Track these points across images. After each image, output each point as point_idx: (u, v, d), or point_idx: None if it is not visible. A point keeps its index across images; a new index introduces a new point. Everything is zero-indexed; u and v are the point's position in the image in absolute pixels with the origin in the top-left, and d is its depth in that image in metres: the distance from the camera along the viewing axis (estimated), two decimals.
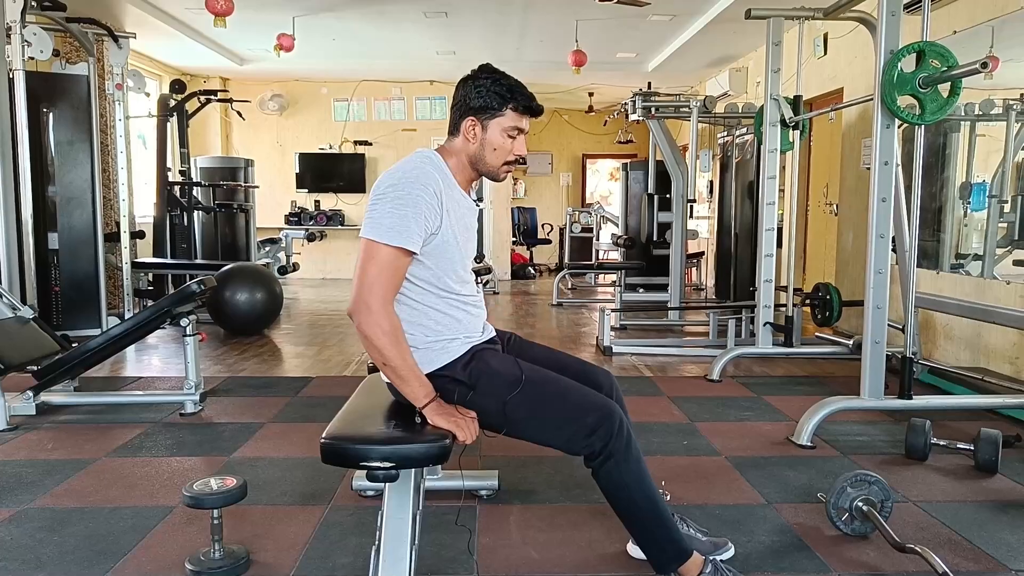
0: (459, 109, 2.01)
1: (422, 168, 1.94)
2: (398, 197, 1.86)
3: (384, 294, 1.83)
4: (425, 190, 1.88)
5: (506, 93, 1.98)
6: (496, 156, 2.02)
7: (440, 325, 1.99)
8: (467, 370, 1.97)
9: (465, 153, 2.02)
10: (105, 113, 6.58)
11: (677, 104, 7.15)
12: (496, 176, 2.07)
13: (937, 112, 3.30)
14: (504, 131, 2.00)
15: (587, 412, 1.95)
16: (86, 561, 2.28)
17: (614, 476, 1.95)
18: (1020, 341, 4.23)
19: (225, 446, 3.39)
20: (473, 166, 2.04)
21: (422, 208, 1.86)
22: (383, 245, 1.84)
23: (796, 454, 3.33)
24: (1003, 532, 2.53)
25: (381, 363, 1.84)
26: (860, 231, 5.90)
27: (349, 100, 10.98)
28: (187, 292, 3.77)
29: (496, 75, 2.00)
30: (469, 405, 1.96)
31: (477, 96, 1.98)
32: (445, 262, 1.97)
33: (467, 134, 2.00)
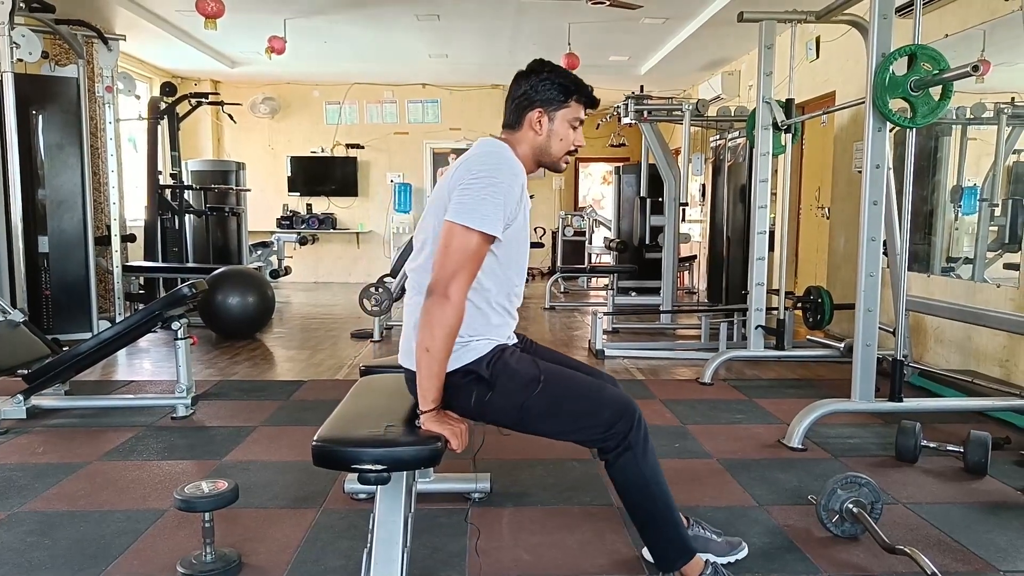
0: (523, 102, 2.04)
1: (511, 158, 1.96)
2: (491, 184, 1.87)
3: (465, 284, 1.84)
4: (515, 180, 1.91)
5: (571, 85, 2.04)
6: (561, 146, 2.07)
7: (481, 326, 1.99)
8: (489, 368, 1.98)
9: (530, 144, 2.05)
10: (95, 116, 6.56)
11: (670, 107, 7.16)
12: (558, 166, 2.11)
13: (928, 115, 3.31)
14: (569, 122, 2.06)
15: (606, 406, 1.97)
16: (77, 565, 2.27)
17: (630, 469, 1.96)
18: (1010, 344, 4.25)
19: (217, 450, 3.38)
20: (536, 157, 2.08)
21: (510, 198, 1.88)
22: (473, 231, 1.84)
23: (787, 456, 3.34)
24: (992, 533, 2.54)
25: (424, 349, 1.83)
26: (852, 235, 5.92)
27: (341, 103, 10.97)
28: (178, 295, 3.76)
29: (557, 69, 2.05)
30: (488, 404, 1.98)
31: (543, 89, 2.02)
32: (514, 254, 2.00)
33: (534, 126, 2.03)
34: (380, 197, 11.15)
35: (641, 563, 2.30)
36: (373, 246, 11.25)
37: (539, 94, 2.02)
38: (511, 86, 2.08)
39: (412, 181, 11.10)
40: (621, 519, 2.61)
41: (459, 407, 2.01)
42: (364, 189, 11.14)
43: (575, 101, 2.05)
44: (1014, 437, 3.51)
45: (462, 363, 1.97)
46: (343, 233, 11.18)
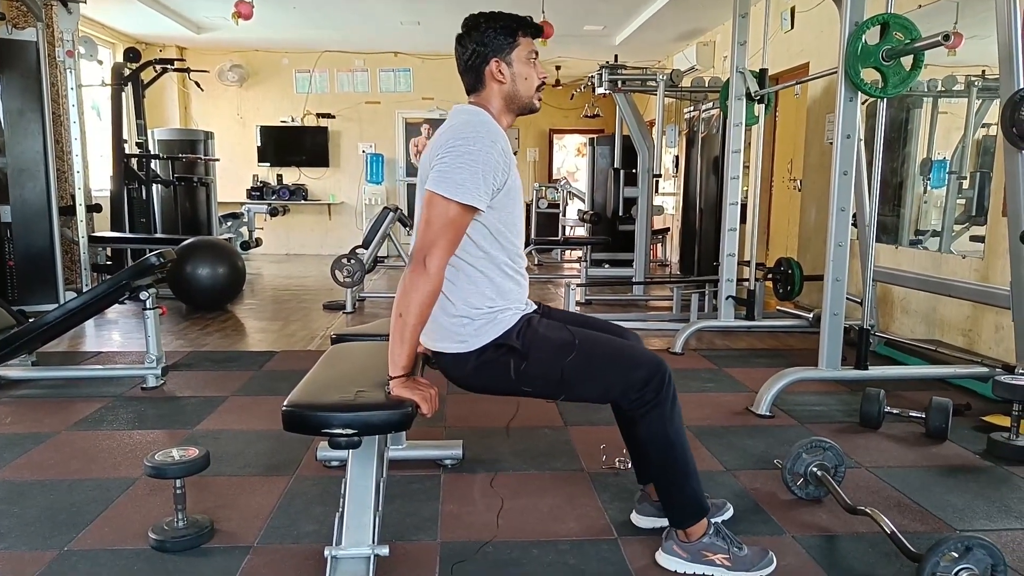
0: (476, 59, 2.02)
1: (488, 122, 1.96)
2: (469, 152, 1.86)
3: (444, 254, 1.84)
4: (494, 145, 1.90)
5: (512, 24, 2.02)
6: (528, 85, 2.06)
7: (496, 294, 2.00)
8: (520, 339, 1.99)
9: (499, 97, 2.04)
10: (56, 81, 6.42)
11: (644, 77, 7.15)
12: (533, 105, 2.09)
13: (899, 85, 3.34)
14: (526, 59, 2.04)
15: (639, 365, 2.01)
16: (47, 532, 2.26)
17: (657, 425, 2.01)
18: (973, 314, 4.33)
19: (188, 419, 3.36)
20: (510, 106, 2.06)
21: (491, 164, 1.87)
22: (452, 201, 1.83)
23: (755, 423, 3.40)
24: (950, 495, 2.61)
25: (398, 315, 1.83)
26: (823, 207, 5.97)
27: (311, 71, 10.81)
28: (146, 264, 3.71)
29: (492, 15, 2.03)
30: (524, 374, 2.00)
31: (488, 40, 2.00)
32: (510, 216, 1.99)
33: (496, 76, 2.02)
34: (352, 168, 11.04)
35: (611, 526, 2.34)
36: (345, 217, 11.16)
37: (487, 46, 2.00)
38: (456, 51, 2.06)
39: (384, 151, 11.01)
40: (591, 484, 2.65)
41: (497, 381, 2.04)
42: (335, 159, 11.02)
43: (523, 36, 2.03)
44: (975, 404, 3.60)
45: (492, 337, 1.98)
46: (314, 204, 11.08)
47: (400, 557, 2.12)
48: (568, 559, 2.13)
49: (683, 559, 2.07)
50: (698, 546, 2.06)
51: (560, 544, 2.22)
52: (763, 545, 2.14)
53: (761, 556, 2.08)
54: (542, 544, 2.22)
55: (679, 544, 2.08)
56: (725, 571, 2.04)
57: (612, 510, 2.45)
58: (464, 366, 2.03)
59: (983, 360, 3.87)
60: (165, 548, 2.15)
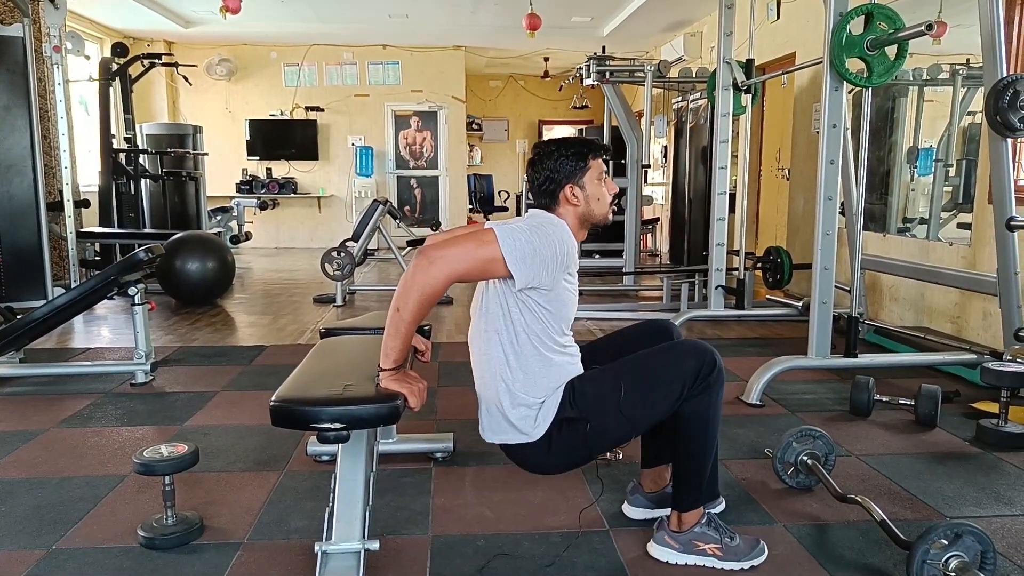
0: (549, 186, 2.06)
1: (566, 229, 2.01)
2: (540, 234, 1.91)
3: (456, 270, 1.82)
4: (562, 245, 1.94)
5: (583, 150, 2.08)
6: (601, 204, 2.11)
7: (552, 377, 2.02)
8: (574, 406, 2.01)
9: (574, 216, 2.08)
10: (43, 77, 6.36)
11: (632, 68, 7.14)
12: (607, 221, 2.16)
13: (884, 74, 3.35)
14: (597, 180, 2.09)
15: (685, 359, 2.02)
16: (36, 530, 2.25)
17: (702, 406, 2.02)
18: (961, 301, 4.36)
19: (177, 415, 3.36)
20: (583, 224, 2.11)
21: (548, 258, 1.90)
22: (499, 249, 1.84)
23: (746, 412, 3.41)
24: (940, 482, 2.62)
25: (396, 308, 1.82)
26: (811, 196, 5.99)
27: (300, 65, 10.76)
28: (134, 260, 3.69)
29: (563, 142, 2.10)
30: (593, 434, 2.01)
31: (562, 167, 2.05)
32: (563, 320, 2.02)
33: (571, 200, 2.06)
34: (341, 161, 11.00)
35: (603, 518, 2.34)
36: (335, 210, 11.13)
37: (560, 172, 2.05)
38: (528, 174, 2.12)
39: (373, 144, 10.97)
40: (582, 476, 2.65)
41: (571, 455, 2.07)
42: (325, 153, 10.98)
43: (592, 159, 2.08)
44: (963, 390, 3.63)
45: (550, 420, 2.00)
46: (304, 197, 11.04)
47: (391, 552, 2.12)
48: (560, 551, 2.14)
49: (675, 549, 2.08)
50: (689, 536, 2.07)
51: (552, 536, 2.23)
52: (755, 535, 2.15)
53: (753, 546, 2.08)
54: (533, 536, 2.22)
55: (670, 535, 2.09)
56: (716, 561, 2.05)
57: (604, 501, 2.45)
58: (536, 456, 2.06)
59: (971, 347, 3.89)
60: (154, 545, 2.14)
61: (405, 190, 11.31)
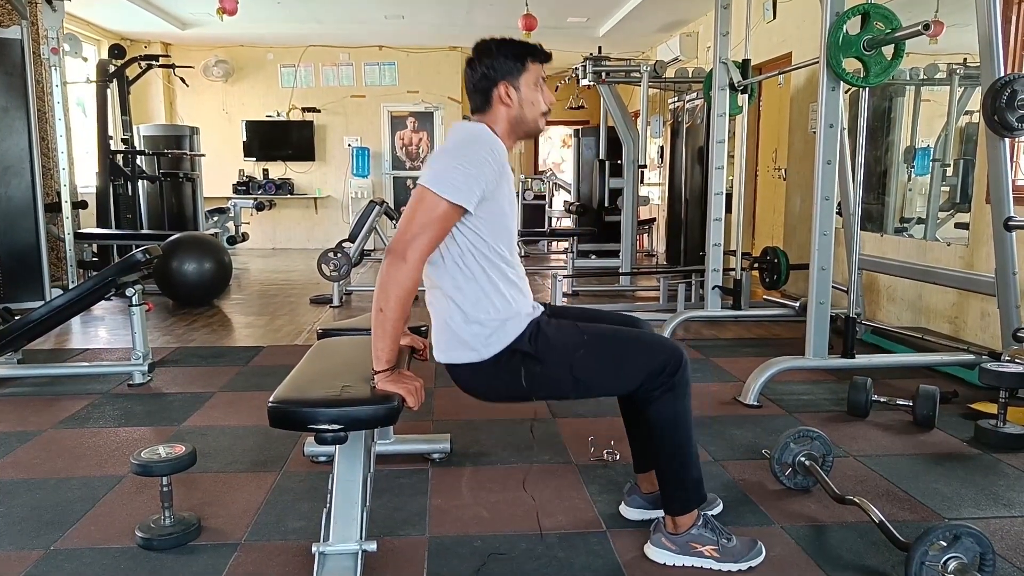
0: (484, 83, 2.04)
1: (490, 135, 1.99)
2: (466, 155, 1.89)
3: (425, 248, 1.84)
4: (492, 154, 1.92)
5: (521, 51, 2.05)
6: (534, 109, 2.07)
7: (503, 300, 2.00)
8: (533, 343, 2.00)
9: (505, 119, 2.06)
10: (41, 79, 6.36)
11: (628, 69, 7.15)
12: (538, 129, 2.13)
13: (881, 74, 3.35)
14: (533, 84, 2.06)
15: (654, 352, 2.03)
16: (34, 531, 2.25)
17: (668, 408, 2.03)
18: (959, 301, 4.36)
19: (174, 416, 3.35)
20: (514, 129, 2.08)
21: (485, 171, 1.89)
22: (443, 199, 1.84)
23: (743, 413, 3.41)
24: (938, 483, 2.62)
25: (378, 309, 1.83)
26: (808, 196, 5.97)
27: (296, 66, 10.75)
28: (131, 261, 3.69)
29: (504, 42, 2.06)
30: (538, 377, 2.01)
31: (499, 64, 2.03)
32: (503, 230, 2.00)
33: (504, 100, 2.04)
34: (338, 161, 11.00)
35: (600, 519, 2.34)
36: (331, 211, 11.12)
37: (497, 70, 2.02)
38: (466, 74, 2.09)
39: (370, 145, 10.97)
40: (579, 477, 2.66)
41: (510, 387, 2.04)
42: (321, 153, 10.97)
43: (532, 62, 2.06)
44: (961, 391, 3.62)
45: (504, 344, 1.99)
46: (301, 198, 11.03)
47: (388, 552, 2.12)
48: (557, 552, 2.13)
49: (671, 551, 2.07)
50: (686, 537, 2.07)
51: (549, 537, 2.22)
52: (753, 536, 2.15)
53: (750, 547, 2.08)
54: (530, 537, 2.22)
55: (667, 536, 2.09)
56: (714, 563, 2.05)
57: (601, 502, 2.45)
58: (477, 376, 2.04)
59: (969, 347, 3.90)
60: (152, 546, 2.14)
61: (401, 191, 11.29)
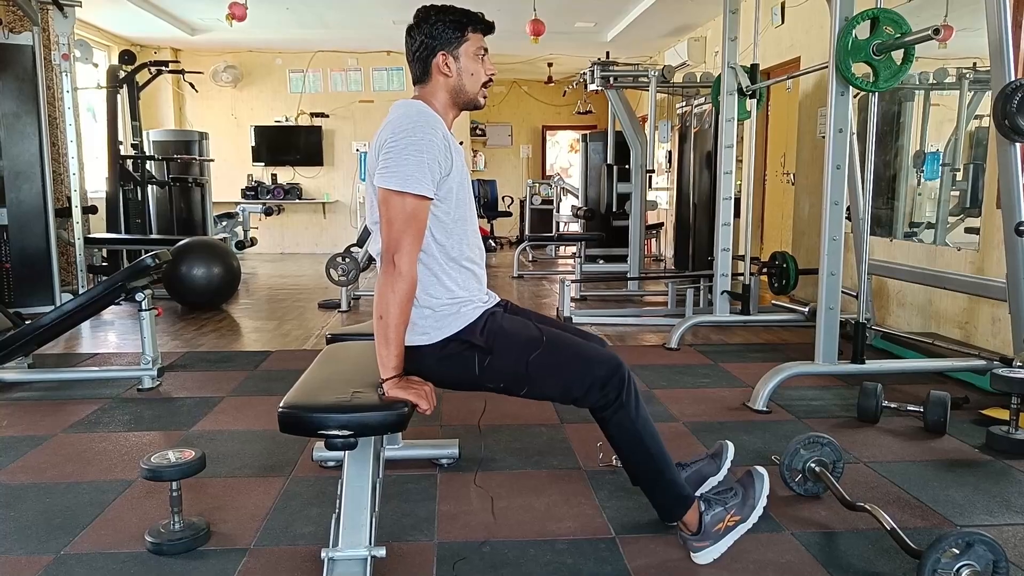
0: (423, 52, 2.01)
1: (425, 112, 1.95)
2: (411, 143, 1.86)
3: (412, 250, 1.84)
4: (435, 133, 1.89)
5: (463, 19, 2.02)
6: (474, 80, 2.05)
7: (456, 286, 1.99)
8: (484, 334, 1.99)
9: (445, 90, 2.04)
10: (52, 85, 6.39)
11: (636, 74, 7.15)
12: (477, 102, 2.10)
13: (890, 79, 3.34)
14: (474, 54, 2.04)
15: (600, 365, 2.02)
16: (43, 536, 2.25)
17: (626, 424, 2.03)
18: (969, 306, 4.34)
19: (183, 420, 3.36)
20: (454, 101, 2.06)
21: (435, 152, 1.87)
22: (407, 195, 1.83)
23: (752, 419, 3.40)
24: (950, 490, 2.61)
25: (378, 317, 1.83)
26: (816, 200, 5.97)
27: (305, 71, 10.79)
28: (141, 266, 3.71)
29: (443, 8, 2.03)
30: (488, 368, 1.99)
31: (438, 32, 2.00)
32: (462, 207, 1.98)
33: (442, 70, 2.01)
34: (346, 166, 11.03)
35: (608, 525, 2.33)
36: (339, 216, 11.15)
37: (435, 39, 2.00)
38: (406, 42, 2.06)
39: None
40: (587, 482, 2.65)
41: (460, 376, 2.03)
42: (329, 158, 11.01)
43: (472, 32, 2.03)
44: (973, 397, 3.60)
45: (454, 329, 1.98)
46: (309, 203, 11.06)
47: (397, 558, 2.11)
48: (565, 558, 2.13)
49: (708, 546, 2.09)
50: (707, 526, 2.09)
51: (557, 543, 2.22)
52: (763, 540, 2.16)
53: (750, 483, 2.15)
54: (539, 543, 2.21)
55: (695, 538, 2.10)
56: (743, 525, 2.11)
57: (609, 508, 2.44)
58: (426, 359, 2.01)
59: (980, 353, 3.87)
60: (161, 551, 2.14)
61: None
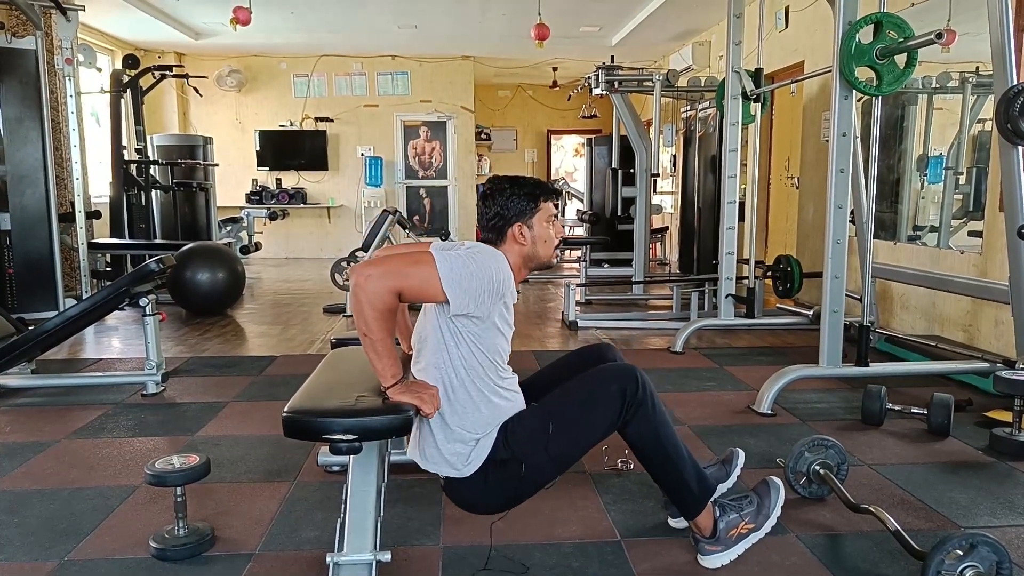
0: (499, 222, 2.07)
1: (504, 259, 2.00)
2: (481, 265, 1.90)
3: (394, 284, 1.81)
4: (498, 275, 1.92)
5: (535, 191, 2.09)
6: (547, 247, 2.13)
7: (489, 416, 2.01)
8: (508, 447, 2.00)
9: (518, 255, 2.09)
10: (55, 89, 6.41)
11: (640, 78, 7.15)
12: (551, 263, 2.18)
13: (894, 83, 3.34)
14: (546, 221, 2.11)
15: (611, 382, 2.04)
16: (48, 542, 2.26)
17: (644, 425, 2.04)
18: (973, 309, 4.33)
19: (188, 426, 3.36)
20: (526, 264, 2.12)
21: (484, 284, 1.89)
22: (439, 279, 1.84)
23: (757, 422, 3.39)
24: (953, 492, 2.60)
25: (362, 334, 1.83)
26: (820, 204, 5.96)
27: (309, 76, 10.82)
28: (145, 271, 3.72)
29: (516, 180, 2.11)
30: (530, 471, 2.01)
31: (513, 204, 2.06)
32: (495, 347, 2.00)
33: (518, 239, 2.07)
34: (351, 171, 11.04)
35: (614, 528, 2.33)
36: (344, 220, 11.16)
37: (511, 210, 2.06)
38: (479, 208, 2.13)
39: (383, 154, 11.01)
40: (593, 486, 2.65)
41: (506, 492, 2.05)
42: (334, 163, 11.02)
43: (543, 202, 2.09)
44: (976, 399, 3.60)
45: (483, 458, 1.99)
46: (314, 208, 11.08)
47: (402, 562, 2.12)
48: (571, 562, 2.13)
49: (720, 552, 2.10)
50: (721, 532, 2.10)
51: (563, 547, 2.22)
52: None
53: (766, 492, 2.17)
54: (545, 547, 2.22)
55: (708, 542, 2.11)
56: (756, 533, 2.13)
57: (615, 512, 2.44)
58: (474, 491, 2.04)
59: (983, 355, 3.87)
60: (166, 557, 2.15)
61: (414, 200, 11.33)
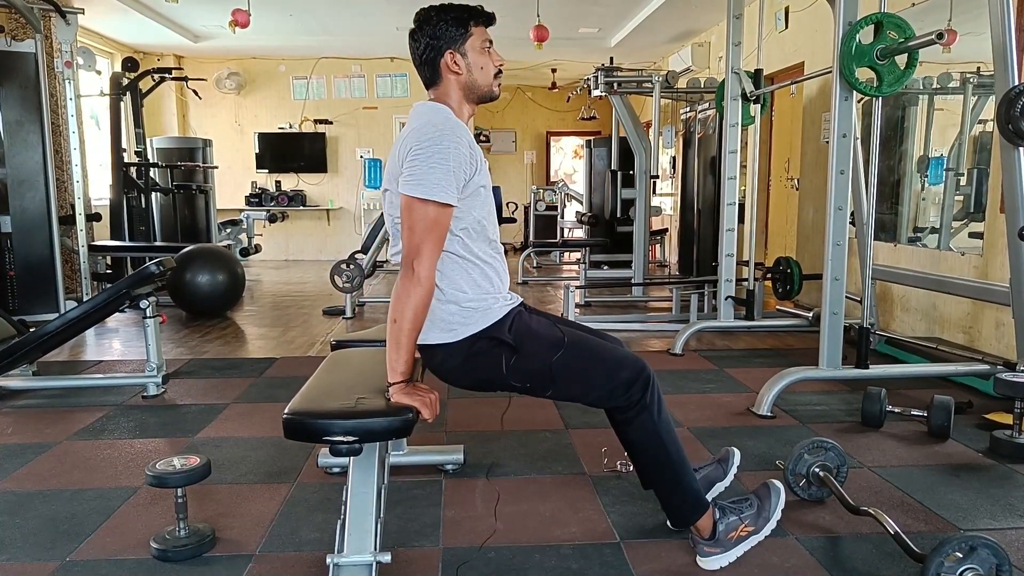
0: (430, 53, 2.02)
1: (450, 119, 1.96)
2: (437, 151, 1.86)
3: (432, 256, 1.85)
4: (460, 141, 1.90)
5: (462, 15, 2.03)
6: (485, 74, 2.06)
7: (486, 282, 2.01)
8: (512, 332, 2.00)
9: (457, 88, 2.05)
10: (55, 92, 6.42)
11: (639, 79, 7.15)
12: (492, 92, 2.11)
13: (894, 84, 3.34)
14: (480, 48, 2.05)
15: (624, 367, 2.03)
16: (49, 543, 2.26)
17: (648, 427, 2.03)
18: (973, 311, 4.33)
19: (188, 427, 3.36)
20: (468, 97, 2.07)
21: (460, 160, 1.88)
22: (430, 202, 1.84)
23: (756, 424, 3.39)
24: (953, 494, 2.60)
25: (393, 320, 1.84)
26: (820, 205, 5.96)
27: (308, 78, 10.83)
28: (145, 273, 3.72)
29: (442, 8, 2.04)
30: (515, 367, 2.00)
31: (441, 33, 2.01)
32: (486, 208, 2.00)
33: (452, 68, 2.02)
34: (350, 173, 11.05)
35: (613, 530, 2.33)
36: (344, 222, 11.17)
37: (440, 39, 2.01)
38: (410, 47, 2.07)
39: (382, 156, 10.99)
40: (592, 487, 2.65)
41: (488, 375, 2.04)
42: (334, 165, 11.04)
43: (475, 26, 2.04)
44: (976, 401, 3.60)
45: (482, 326, 1.99)
46: (313, 210, 11.08)
47: (402, 564, 2.12)
48: (570, 563, 2.13)
49: (719, 554, 2.10)
50: (720, 534, 2.10)
51: (562, 548, 2.22)
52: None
53: (767, 495, 2.16)
54: (544, 548, 2.22)
55: (707, 543, 2.11)
56: (756, 536, 2.12)
57: (614, 513, 2.44)
58: (451, 358, 2.03)
59: (984, 357, 3.87)
60: (167, 557, 2.15)
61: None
